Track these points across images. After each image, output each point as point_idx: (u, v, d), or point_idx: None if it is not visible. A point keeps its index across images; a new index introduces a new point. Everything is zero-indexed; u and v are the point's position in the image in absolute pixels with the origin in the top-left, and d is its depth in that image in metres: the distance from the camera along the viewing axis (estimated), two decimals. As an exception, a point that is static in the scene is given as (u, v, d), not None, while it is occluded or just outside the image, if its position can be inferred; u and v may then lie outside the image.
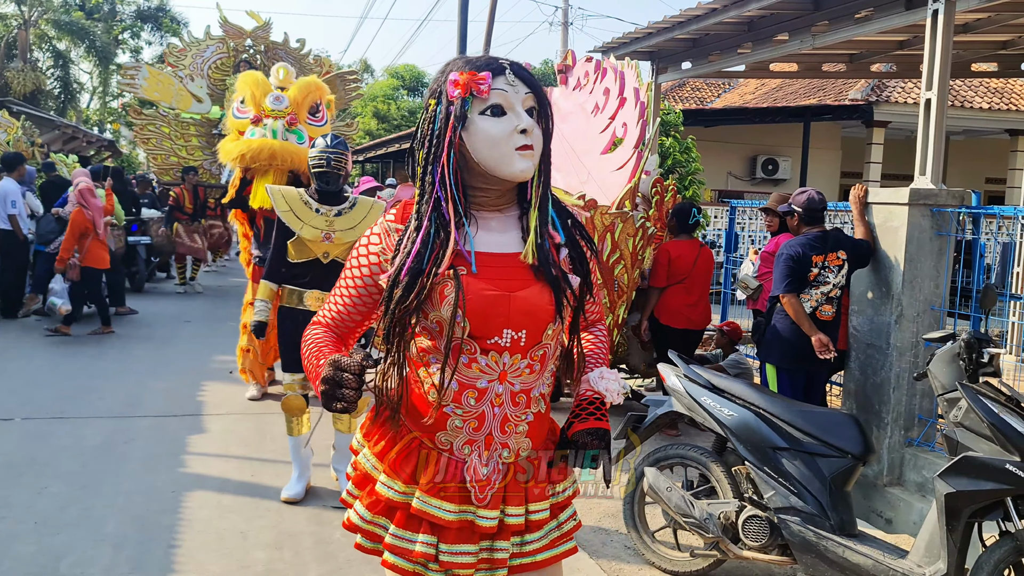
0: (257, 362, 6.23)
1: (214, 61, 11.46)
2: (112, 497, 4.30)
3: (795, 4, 6.30)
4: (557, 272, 1.74)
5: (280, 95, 6.03)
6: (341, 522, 4.02)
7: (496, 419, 1.74)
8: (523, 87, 1.70)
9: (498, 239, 1.75)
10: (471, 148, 1.69)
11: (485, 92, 1.66)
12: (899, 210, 4.73)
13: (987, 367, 3.21)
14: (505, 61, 1.73)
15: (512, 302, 1.70)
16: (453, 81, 1.68)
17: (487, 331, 1.69)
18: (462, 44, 11.23)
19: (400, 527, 1.75)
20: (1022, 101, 15.74)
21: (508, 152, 1.67)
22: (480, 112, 1.68)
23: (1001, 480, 2.99)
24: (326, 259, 4.39)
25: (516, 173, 1.68)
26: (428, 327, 1.73)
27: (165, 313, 10.30)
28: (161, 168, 11.44)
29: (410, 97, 41.43)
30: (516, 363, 1.73)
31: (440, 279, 1.66)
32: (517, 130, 1.67)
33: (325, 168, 4.36)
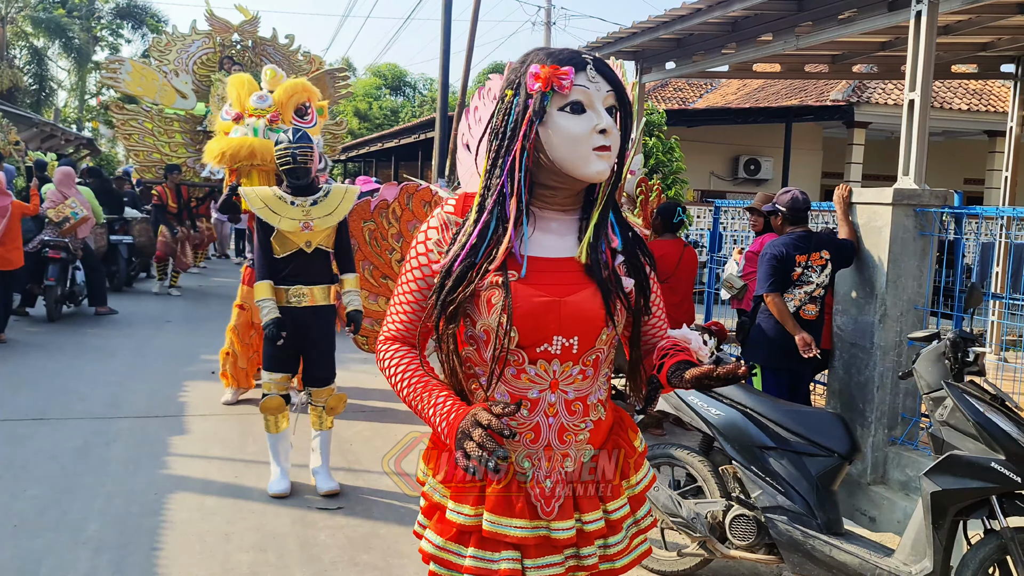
0: (238, 365, 6.17)
1: (200, 56, 11.36)
2: (92, 500, 4.25)
3: (779, 5, 6.32)
4: (608, 275, 1.67)
5: (264, 94, 6.03)
6: (325, 523, 4.00)
7: (552, 429, 1.68)
8: (605, 84, 1.62)
9: (555, 242, 1.69)
10: (547, 144, 1.61)
11: (567, 88, 1.58)
12: (883, 210, 4.75)
13: (972, 366, 3.23)
14: (588, 56, 1.64)
15: (563, 308, 1.63)
16: (534, 74, 1.59)
17: (536, 339, 1.63)
18: (446, 43, 11.19)
19: (479, 548, 1.67)
20: (1000, 103, 15.89)
21: (586, 152, 1.59)
22: (559, 108, 1.60)
23: (986, 479, 3.00)
24: (309, 248, 4.45)
25: (592, 174, 1.61)
26: (475, 335, 1.68)
27: (146, 313, 10.20)
28: (143, 165, 11.33)
29: (392, 96, 41.32)
30: (567, 370, 1.66)
31: (488, 285, 1.61)
32: (596, 129, 1.59)
33: (292, 164, 4.42)
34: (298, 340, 4.43)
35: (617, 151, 1.64)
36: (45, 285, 8.99)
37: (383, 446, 5.36)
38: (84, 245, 9.51)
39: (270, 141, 5.81)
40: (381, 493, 4.54)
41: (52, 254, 8.91)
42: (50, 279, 8.94)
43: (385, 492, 4.56)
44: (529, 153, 1.62)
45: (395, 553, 3.82)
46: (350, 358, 7.07)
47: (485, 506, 1.67)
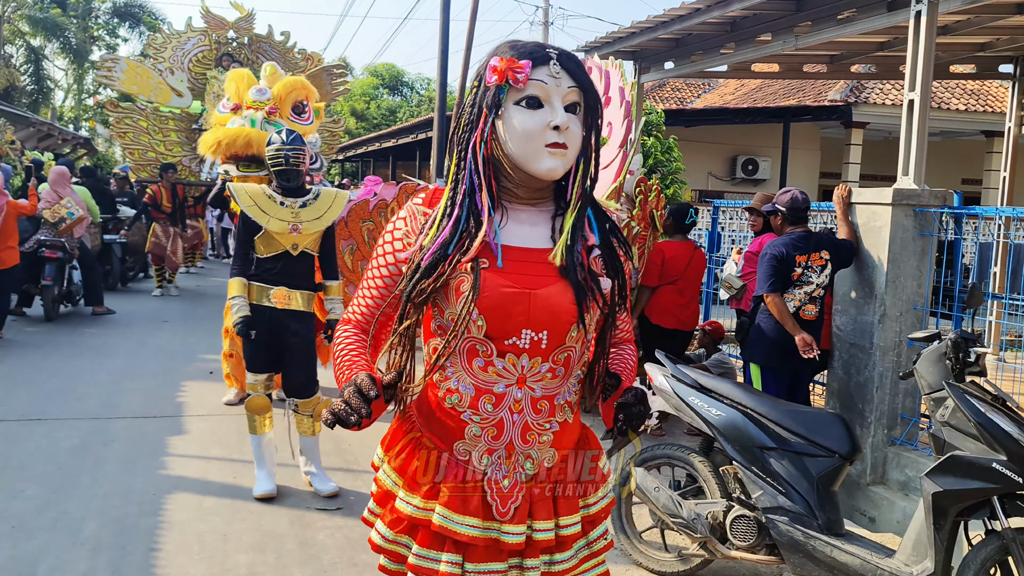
0: (240, 367, 6.09)
1: (195, 54, 11.30)
2: (89, 500, 4.23)
3: (778, 5, 6.32)
4: (584, 276, 1.63)
5: (263, 87, 6.08)
6: (324, 523, 3.98)
7: (516, 427, 1.63)
8: (567, 80, 1.59)
9: (527, 232, 1.65)
10: (502, 138, 1.60)
11: (522, 82, 1.56)
12: (882, 210, 4.75)
13: (973, 366, 3.22)
14: (553, 50, 1.60)
15: (533, 300, 1.59)
16: (492, 66, 1.58)
17: (505, 331, 1.59)
18: (444, 42, 11.18)
19: (423, 546, 1.64)
20: (998, 103, 15.90)
21: (538, 148, 1.57)
22: (515, 102, 1.58)
23: (987, 479, 3.00)
24: (295, 251, 4.40)
25: (542, 171, 1.58)
26: (443, 325, 1.64)
27: (142, 313, 10.17)
28: (138, 164, 11.26)
29: (390, 96, 41.28)
30: (536, 367, 1.62)
31: (458, 272, 1.58)
32: (550, 126, 1.56)
33: (284, 166, 4.37)
34: (276, 341, 4.37)
35: (577, 149, 1.61)
36: (42, 285, 8.97)
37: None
38: (80, 245, 9.49)
39: (267, 132, 5.83)
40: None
41: (49, 254, 8.89)
42: (47, 279, 8.92)
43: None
44: (488, 145, 1.61)
45: (394, 554, 3.80)
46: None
47: (439, 500, 1.64)
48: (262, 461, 4.45)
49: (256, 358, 4.39)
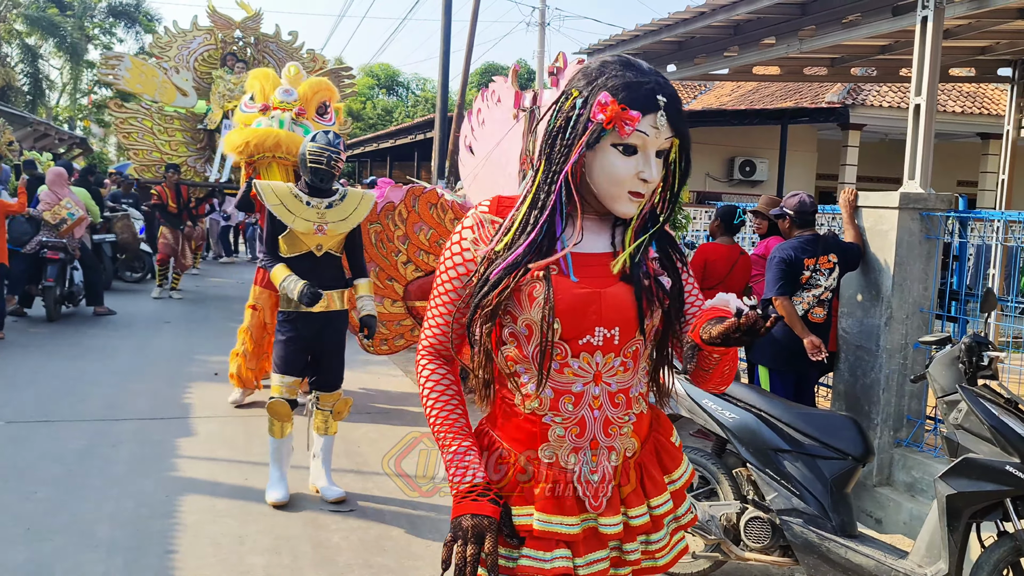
0: (247, 367, 6.12)
1: (201, 53, 11.23)
2: (101, 502, 4.24)
3: (783, 9, 6.35)
4: (650, 282, 1.68)
5: (290, 88, 6.05)
6: (337, 526, 3.99)
7: (598, 422, 1.67)
8: (668, 131, 1.60)
9: (590, 239, 1.69)
10: (590, 168, 1.62)
11: (627, 134, 1.57)
12: (889, 214, 4.78)
13: (986, 370, 3.25)
14: (663, 98, 1.59)
15: (603, 299, 1.64)
16: (602, 104, 1.56)
17: (579, 331, 1.63)
18: (445, 43, 11.18)
19: (532, 548, 1.66)
20: (994, 105, 15.99)
21: (620, 193, 1.61)
22: (613, 143, 1.59)
23: (1001, 481, 3.03)
24: (319, 251, 4.40)
25: (620, 212, 1.64)
26: (516, 332, 1.66)
27: (143, 314, 10.17)
28: (142, 164, 11.20)
29: (386, 96, 41.29)
30: (610, 362, 1.66)
31: (528, 279, 1.61)
32: (639, 176, 1.59)
33: (323, 166, 4.35)
34: (311, 344, 4.38)
35: (653, 189, 1.64)
36: (44, 286, 8.96)
37: (390, 448, 5.36)
38: (81, 245, 9.48)
39: (295, 134, 5.87)
40: (391, 495, 4.54)
41: (50, 255, 8.89)
42: (49, 280, 8.92)
43: (395, 494, 4.56)
44: (577, 170, 1.63)
45: (409, 555, 3.82)
46: (355, 359, 7.06)
47: (535, 506, 1.67)
48: (278, 465, 4.43)
49: (290, 361, 4.36)
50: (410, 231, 6.07)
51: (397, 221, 6.04)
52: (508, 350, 1.68)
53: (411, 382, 7.28)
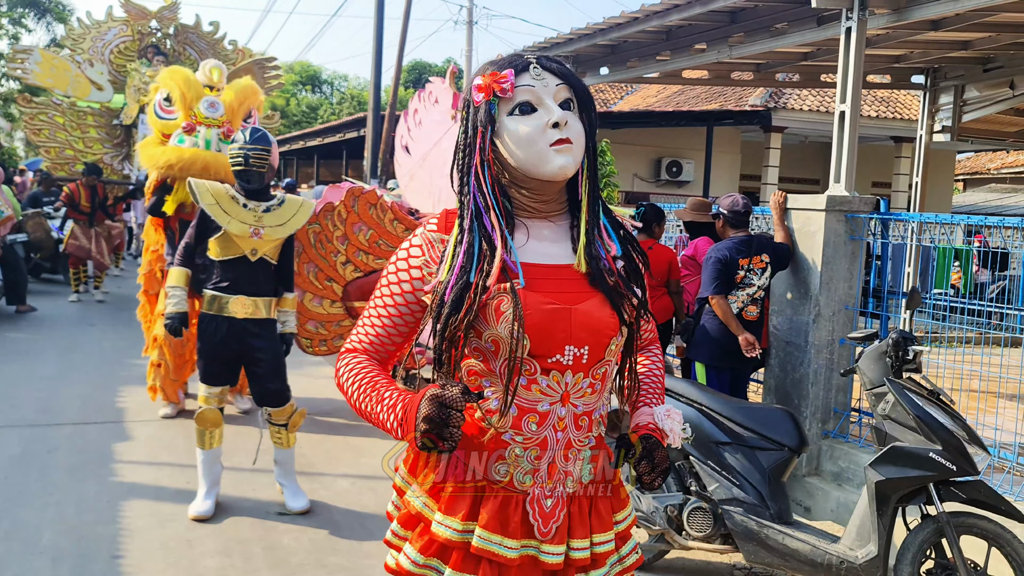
0: (169, 378, 5.84)
1: (116, 45, 10.82)
2: (42, 509, 4.16)
3: (713, 16, 6.57)
4: (616, 281, 1.61)
5: (215, 101, 5.61)
6: (287, 527, 3.99)
7: (559, 444, 1.59)
8: (553, 79, 1.57)
9: (550, 249, 1.62)
10: (505, 152, 1.58)
11: (510, 91, 1.55)
12: (816, 216, 5.02)
13: (911, 364, 3.47)
14: (531, 56, 1.60)
15: (573, 316, 1.56)
16: (476, 86, 1.57)
17: (548, 349, 1.55)
18: (378, 41, 11.15)
19: (456, 569, 1.58)
20: (906, 110, 16.72)
21: (543, 149, 1.54)
22: (509, 113, 1.56)
23: (925, 468, 3.25)
24: (254, 256, 4.25)
25: (555, 171, 1.55)
26: (481, 347, 1.58)
27: (66, 315, 9.88)
28: (55, 163, 10.77)
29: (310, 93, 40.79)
30: (579, 383, 1.59)
31: (494, 294, 1.53)
32: (549, 124, 1.54)
33: (244, 166, 4.20)
34: (237, 353, 4.24)
35: (582, 144, 1.59)
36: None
37: (335, 449, 5.38)
38: (4, 243, 9.17)
39: (223, 155, 5.42)
40: (338, 495, 4.57)
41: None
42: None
43: (343, 495, 4.59)
44: (491, 164, 1.59)
45: (362, 554, 3.86)
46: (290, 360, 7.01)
47: (478, 521, 1.58)
48: (206, 478, 4.25)
49: (211, 370, 4.23)
50: (349, 231, 6.07)
51: (336, 221, 6.04)
52: (473, 364, 1.61)
53: (350, 382, 7.27)
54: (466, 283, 1.55)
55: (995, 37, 7.57)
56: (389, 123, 11.85)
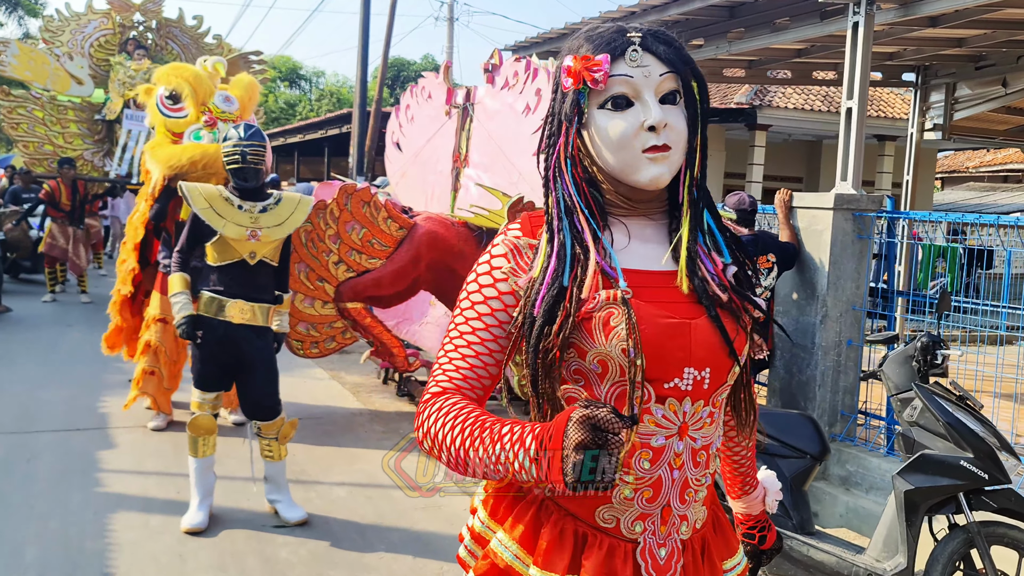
0: (162, 387, 5.58)
1: (97, 38, 10.57)
2: (25, 522, 3.95)
3: (713, 11, 6.45)
4: (734, 296, 1.38)
5: (230, 96, 5.41)
6: (283, 540, 3.82)
7: (675, 485, 1.36)
8: (657, 66, 1.32)
9: (654, 251, 1.39)
10: (592, 150, 1.37)
11: (603, 81, 1.30)
12: (823, 214, 4.91)
13: (938, 368, 3.36)
14: (635, 34, 1.33)
15: (693, 332, 1.33)
16: (566, 68, 1.33)
17: (666, 371, 1.31)
18: (364, 36, 10.94)
19: None
20: (889, 108, 16.73)
21: (634, 155, 1.32)
22: (600, 105, 1.33)
23: (956, 476, 3.13)
24: (253, 259, 4.07)
25: (644, 182, 1.33)
26: (584, 370, 1.34)
27: (43, 316, 9.60)
28: (33, 158, 10.50)
29: (289, 89, 40.37)
30: (698, 411, 1.36)
31: (600, 304, 1.30)
32: (644, 127, 1.31)
33: (240, 164, 4.02)
34: (233, 358, 4.07)
35: (683, 147, 1.35)
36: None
37: (328, 456, 5.20)
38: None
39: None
40: (334, 504, 4.40)
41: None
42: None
43: (339, 504, 4.42)
44: (577, 161, 1.38)
45: (362, 567, 3.70)
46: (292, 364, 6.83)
47: None
48: (199, 488, 4.06)
49: (206, 375, 4.05)
50: (342, 230, 5.89)
51: (328, 220, 5.85)
52: (571, 391, 1.36)
53: (339, 385, 7.10)
54: (560, 289, 1.33)
55: (990, 35, 7.51)
56: (375, 120, 11.66)
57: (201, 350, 4.05)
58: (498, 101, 5.95)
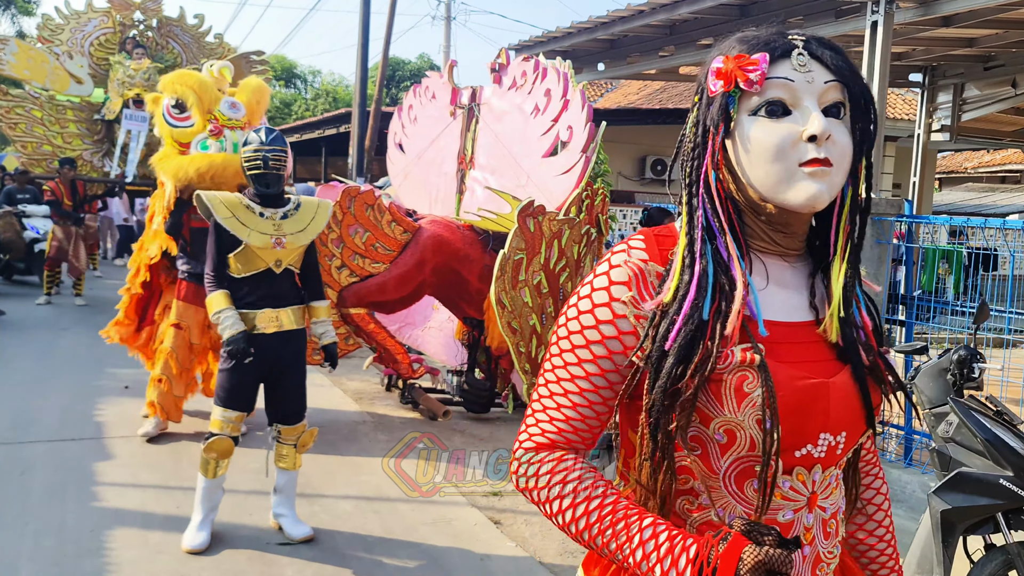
0: (172, 395, 5.36)
1: (97, 37, 10.44)
2: (19, 539, 3.79)
3: (723, 10, 6.31)
4: (875, 356, 1.21)
5: (236, 102, 5.20)
6: (288, 560, 3.67)
7: (806, 563, 1.18)
8: (823, 72, 1.15)
9: (792, 300, 1.21)
10: (737, 163, 1.18)
11: (759, 83, 1.14)
12: (842, 218, 4.77)
13: (972, 381, 3.22)
14: (798, 37, 1.18)
15: (832, 393, 1.15)
16: (715, 70, 1.17)
17: (799, 439, 1.14)
18: (364, 35, 10.78)
19: None
20: (891, 109, 16.63)
21: (789, 169, 1.13)
22: (752, 112, 1.16)
23: (995, 495, 3.00)
24: (279, 268, 3.92)
25: (800, 202, 1.13)
26: (704, 438, 1.15)
27: (36, 319, 9.42)
28: (31, 159, 10.35)
29: (284, 88, 40.14)
30: (827, 479, 1.20)
31: (732, 365, 1.11)
32: (804, 137, 1.13)
33: (263, 169, 3.87)
34: (263, 372, 3.90)
35: (845, 167, 1.16)
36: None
37: (331, 466, 5.04)
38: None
39: None
40: (340, 519, 4.25)
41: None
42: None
43: (345, 518, 4.27)
44: (721, 176, 1.19)
45: (372, 588, 3.55)
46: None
47: None
48: (204, 504, 3.88)
49: (237, 393, 3.85)
50: (345, 234, 5.75)
51: (332, 224, 5.70)
52: (684, 460, 1.18)
53: (340, 392, 6.95)
54: (699, 323, 1.13)
55: (1002, 35, 7.40)
56: (375, 120, 11.50)
57: (232, 366, 3.85)
58: (506, 102, 5.81)
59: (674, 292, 1.16)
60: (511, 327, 4.98)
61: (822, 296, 1.22)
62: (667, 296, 1.16)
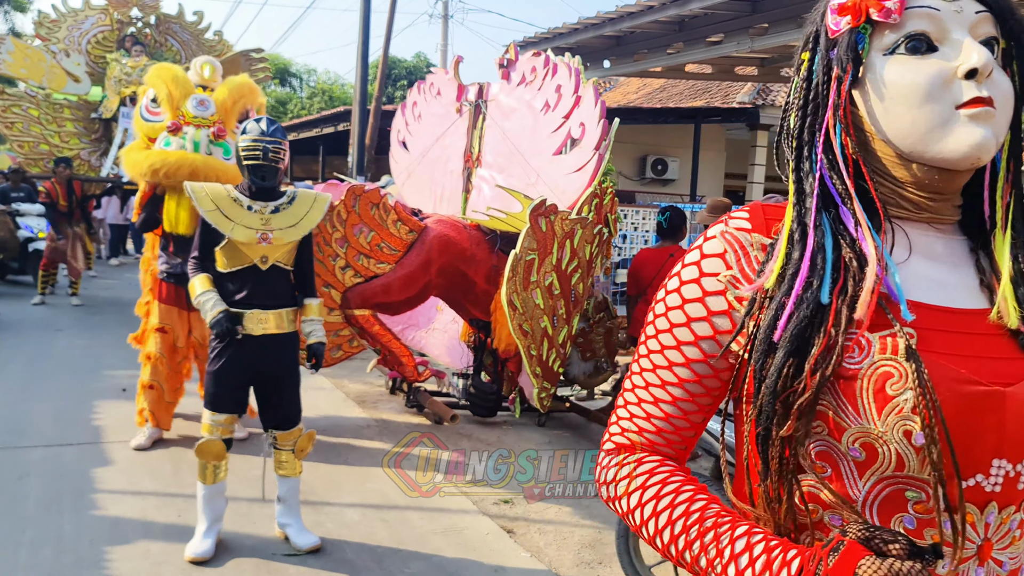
0: (163, 401, 5.22)
1: (94, 34, 10.31)
2: (15, 549, 3.65)
3: (734, 6, 6.19)
4: None
5: (205, 99, 5.02)
6: (295, 570, 3.54)
7: None
8: (971, 3, 0.94)
9: (948, 277, 0.98)
10: (869, 115, 0.97)
11: (896, 12, 0.92)
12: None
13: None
14: None
15: (1010, 405, 0.89)
16: (838, 5, 0.96)
17: (965, 465, 0.89)
18: (365, 32, 10.62)
19: None
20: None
21: (944, 112, 0.91)
22: (888, 51, 0.95)
23: None
24: (265, 264, 3.76)
25: (962, 152, 0.91)
26: (836, 454, 0.93)
27: (30, 320, 9.25)
28: (28, 158, 10.21)
29: (280, 87, 39.95)
30: (1007, 522, 0.93)
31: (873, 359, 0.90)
32: (959, 74, 0.91)
33: (261, 160, 3.70)
34: (252, 374, 3.77)
35: (1008, 113, 0.94)
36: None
37: (336, 473, 4.91)
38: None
39: (213, 158, 4.95)
40: (347, 527, 4.11)
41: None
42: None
43: (352, 527, 4.13)
44: (850, 129, 0.97)
45: (384, 602, 3.42)
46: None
47: None
48: (207, 514, 3.75)
49: (223, 395, 3.72)
50: (349, 233, 5.60)
51: (335, 223, 5.56)
52: (811, 481, 0.95)
53: (343, 395, 6.81)
54: (816, 307, 0.92)
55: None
56: (374, 119, 11.37)
57: (218, 367, 3.73)
58: (514, 98, 5.67)
59: (780, 272, 0.96)
60: (522, 329, 4.85)
61: (991, 277, 0.97)
62: (769, 280, 0.96)
